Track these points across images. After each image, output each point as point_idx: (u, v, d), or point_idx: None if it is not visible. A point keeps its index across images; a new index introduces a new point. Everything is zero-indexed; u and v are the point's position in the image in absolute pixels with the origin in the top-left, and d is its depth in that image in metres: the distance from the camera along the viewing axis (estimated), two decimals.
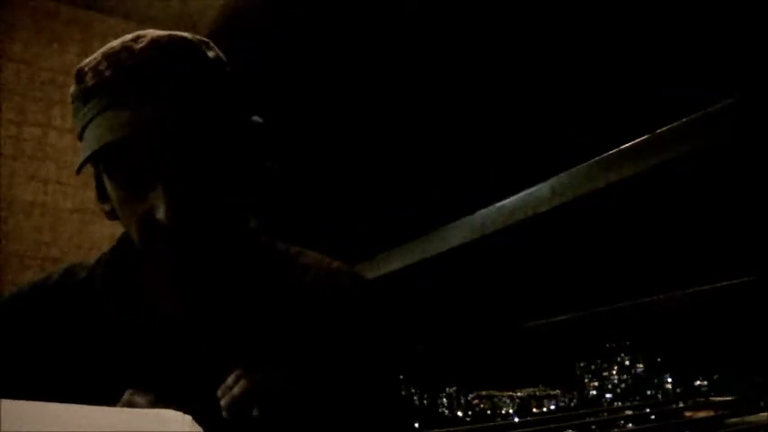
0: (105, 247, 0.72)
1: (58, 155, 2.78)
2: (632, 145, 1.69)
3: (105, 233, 2.77)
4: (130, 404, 0.54)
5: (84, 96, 0.60)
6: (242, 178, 0.66)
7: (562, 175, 1.87)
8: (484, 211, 2.15)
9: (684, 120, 1.56)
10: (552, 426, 6.49)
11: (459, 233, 2.26)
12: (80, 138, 0.61)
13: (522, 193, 2.00)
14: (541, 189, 1.93)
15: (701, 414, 7.87)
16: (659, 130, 1.61)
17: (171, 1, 2.93)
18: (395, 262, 2.59)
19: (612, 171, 1.73)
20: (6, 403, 0.43)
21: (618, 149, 1.73)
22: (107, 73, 0.59)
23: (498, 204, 2.09)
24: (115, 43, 0.61)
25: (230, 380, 0.57)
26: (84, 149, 0.58)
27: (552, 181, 1.90)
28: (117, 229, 0.64)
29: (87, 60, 0.62)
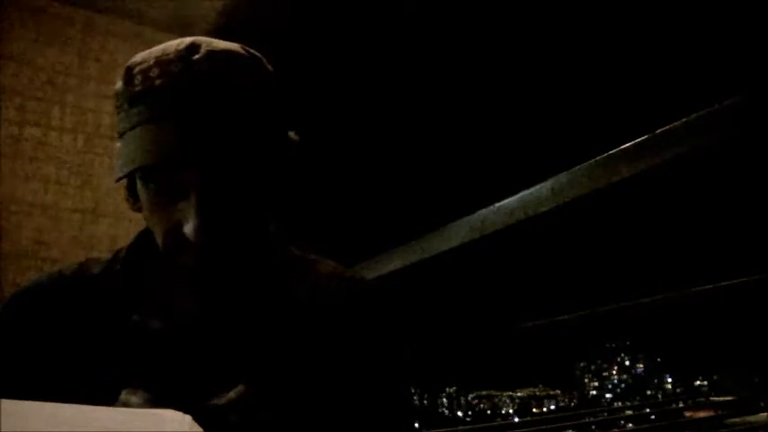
0: (105, 247, 0.73)
1: (58, 155, 2.77)
2: (632, 145, 1.68)
3: (105, 233, 2.77)
4: (126, 405, 0.54)
5: (130, 99, 0.59)
6: (272, 191, 0.66)
7: (562, 175, 1.87)
8: (484, 211, 2.14)
9: (684, 120, 1.56)
10: (552, 426, 6.48)
11: (459, 233, 2.26)
12: (120, 136, 0.61)
13: (522, 193, 1.99)
14: (541, 189, 1.92)
15: (701, 414, 7.86)
16: (659, 130, 1.61)
17: (171, 1, 2.93)
18: (395, 262, 2.59)
19: (612, 171, 1.72)
20: (6, 403, 0.43)
21: (618, 149, 1.72)
22: (157, 82, 0.57)
23: (498, 204, 2.08)
24: (170, 49, 0.59)
25: (234, 392, 0.57)
26: (124, 160, 0.58)
27: (552, 181, 1.89)
28: (117, 230, 0.64)
29: (139, 59, 0.60)
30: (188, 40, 0.60)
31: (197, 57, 0.58)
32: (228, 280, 0.64)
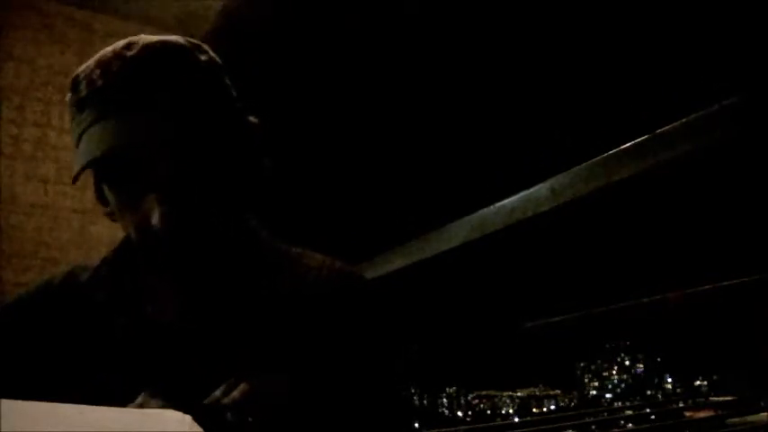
0: (105, 247, 0.72)
1: (58, 155, 2.78)
2: (632, 145, 1.68)
3: (105, 233, 2.77)
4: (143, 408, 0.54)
5: (78, 105, 0.61)
6: (238, 179, 0.66)
7: (562, 175, 1.87)
8: (484, 211, 2.15)
9: (684, 120, 1.56)
10: (552, 426, 6.49)
11: (459, 233, 2.26)
12: (76, 145, 0.61)
13: (522, 193, 2.00)
14: (541, 189, 1.93)
15: (701, 414, 7.86)
16: (659, 130, 1.61)
17: (171, 1, 2.93)
18: (395, 262, 2.59)
19: (612, 171, 1.73)
20: (6, 403, 0.43)
21: (618, 149, 1.73)
22: (99, 82, 0.59)
23: (498, 204, 2.08)
24: (108, 50, 0.61)
25: (224, 387, 0.56)
26: (79, 160, 0.58)
27: (552, 181, 1.90)
28: (117, 229, 0.64)
29: (82, 68, 0.62)
30: (125, 39, 0.62)
31: (133, 52, 0.60)
32: (206, 273, 0.64)
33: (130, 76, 0.58)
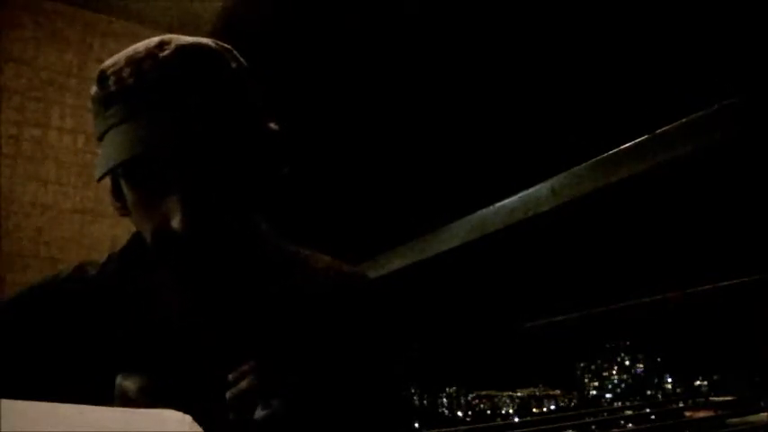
0: (105, 247, 0.73)
1: (58, 155, 2.77)
2: (632, 145, 1.68)
3: (105, 233, 2.77)
4: (120, 389, 0.54)
5: (105, 101, 0.60)
6: (257, 184, 0.66)
7: (562, 175, 1.87)
8: (484, 211, 2.15)
9: (684, 120, 1.56)
10: (552, 426, 6.49)
11: (459, 233, 2.26)
12: (99, 139, 0.61)
13: (522, 193, 2.00)
14: (541, 189, 1.92)
15: (701, 414, 7.86)
16: (659, 130, 1.61)
17: (171, 2, 2.93)
18: (395, 262, 2.59)
19: (612, 171, 1.73)
20: (6, 403, 0.43)
21: (618, 149, 1.73)
22: (129, 81, 0.58)
23: (498, 204, 2.08)
24: (140, 48, 0.60)
25: (236, 374, 0.57)
26: (104, 159, 0.58)
27: (552, 181, 1.90)
28: (117, 229, 0.64)
29: (110, 62, 0.61)
30: (157, 38, 0.61)
31: (166, 53, 0.59)
32: (218, 274, 0.64)
33: (162, 77, 0.58)
